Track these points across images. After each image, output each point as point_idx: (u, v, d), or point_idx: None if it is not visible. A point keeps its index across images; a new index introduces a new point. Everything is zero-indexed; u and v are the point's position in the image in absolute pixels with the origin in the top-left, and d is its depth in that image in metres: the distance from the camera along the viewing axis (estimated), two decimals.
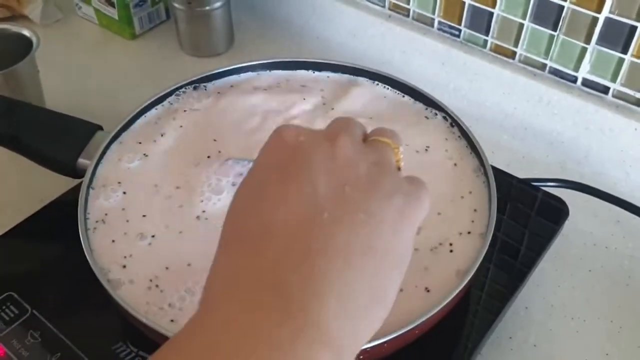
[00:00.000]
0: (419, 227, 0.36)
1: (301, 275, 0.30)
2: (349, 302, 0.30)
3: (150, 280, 0.48)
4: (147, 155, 0.56)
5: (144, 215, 0.52)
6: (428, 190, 0.37)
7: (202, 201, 0.52)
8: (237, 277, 0.31)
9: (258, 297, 0.30)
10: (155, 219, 0.52)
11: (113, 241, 0.50)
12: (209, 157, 0.56)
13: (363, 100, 0.63)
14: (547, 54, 0.71)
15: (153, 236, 0.50)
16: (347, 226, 0.32)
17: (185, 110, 0.60)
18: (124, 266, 0.48)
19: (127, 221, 0.51)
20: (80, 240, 0.49)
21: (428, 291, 0.47)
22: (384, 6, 0.82)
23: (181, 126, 0.59)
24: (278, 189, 0.33)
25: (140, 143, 0.57)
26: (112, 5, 0.87)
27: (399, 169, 0.38)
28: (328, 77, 0.65)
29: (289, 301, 0.29)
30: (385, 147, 0.38)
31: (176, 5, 0.83)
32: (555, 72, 0.72)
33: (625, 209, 0.64)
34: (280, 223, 0.32)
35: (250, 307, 0.29)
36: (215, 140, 0.58)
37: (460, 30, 0.77)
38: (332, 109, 0.61)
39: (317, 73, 0.66)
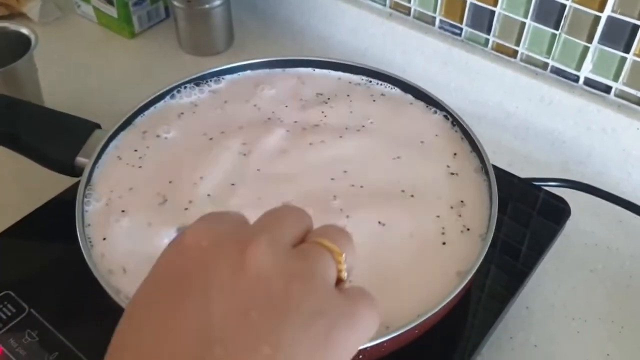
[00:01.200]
0: None
1: None
2: None
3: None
4: (145, 155, 0.56)
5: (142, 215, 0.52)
6: (373, 304, 0.30)
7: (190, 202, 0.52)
8: None
9: None
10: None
11: (111, 240, 0.50)
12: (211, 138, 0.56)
13: (363, 101, 0.62)
14: (549, 53, 0.71)
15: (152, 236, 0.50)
16: None
17: (182, 113, 0.60)
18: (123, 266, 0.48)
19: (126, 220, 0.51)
20: (77, 238, 0.48)
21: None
22: (385, 5, 0.82)
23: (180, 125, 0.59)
24: (165, 314, 0.27)
25: (139, 140, 0.57)
26: (111, 3, 0.86)
27: (339, 280, 0.30)
28: (339, 78, 0.65)
29: None
30: (322, 254, 0.30)
31: (176, 3, 0.82)
32: (557, 71, 0.71)
33: (627, 208, 0.64)
34: (165, 358, 0.26)
35: None
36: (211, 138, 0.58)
37: (461, 29, 0.77)
38: (331, 105, 0.61)
39: (317, 70, 0.65)
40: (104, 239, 0.50)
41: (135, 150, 0.56)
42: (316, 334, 0.27)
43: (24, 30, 0.72)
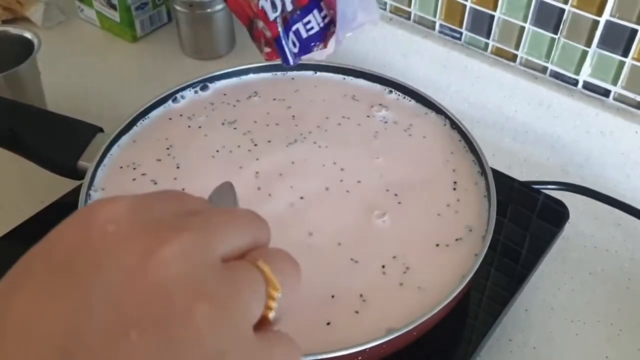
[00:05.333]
0: None
1: None
2: None
3: None
4: (147, 158, 0.56)
5: None
6: (294, 351, 0.25)
7: None
8: None
9: None
10: None
11: None
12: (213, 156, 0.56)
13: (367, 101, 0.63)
14: (548, 57, 0.71)
15: None
16: None
17: (189, 117, 0.61)
18: None
19: None
20: None
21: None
22: (385, 9, 0.82)
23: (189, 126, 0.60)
24: (33, 303, 0.21)
25: (142, 144, 0.58)
26: (113, 8, 0.87)
27: (264, 320, 0.24)
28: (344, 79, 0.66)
29: None
30: (253, 280, 0.24)
31: (178, 7, 0.83)
32: (556, 75, 0.72)
33: (626, 211, 0.64)
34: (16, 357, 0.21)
35: None
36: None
37: (461, 33, 0.77)
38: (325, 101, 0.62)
39: (319, 74, 0.66)
40: None
41: (138, 154, 0.57)
42: None
43: (27, 34, 0.72)
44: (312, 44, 0.55)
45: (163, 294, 0.21)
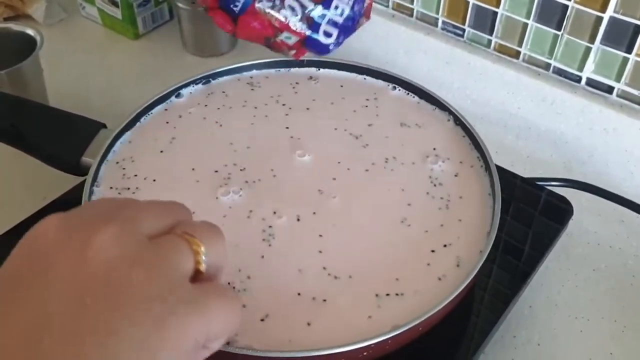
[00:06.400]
0: None
1: None
2: None
3: None
4: (150, 154, 0.56)
5: None
6: (230, 300, 0.31)
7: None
8: None
9: None
10: None
11: None
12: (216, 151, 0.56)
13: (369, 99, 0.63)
14: (551, 53, 0.71)
15: None
16: (72, 352, 0.25)
17: (190, 112, 0.61)
18: None
19: None
20: None
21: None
22: (387, 6, 0.82)
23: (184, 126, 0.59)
24: (3, 306, 0.27)
25: (145, 140, 0.57)
26: (115, 5, 0.87)
27: (199, 273, 0.31)
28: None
29: None
30: (176, 244, 0.30)
31: (180, 5, 0.83)
32: (559, 72, 0.72)
33: (630, 208, 0.64)
34: None
35: None
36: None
37: (464, 30, 0.77)
38: (332, 103, 0.62)
39: (321, 70, 0.66)
40: None
41: (141, 150, 0.57)
42: (153, 320, 0.27)
43: (30, 31, 0.72)
44: (352, 23, 0.56)
45: (104, 270, 0.27)
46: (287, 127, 0.59)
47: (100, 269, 0.27)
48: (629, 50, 0.65)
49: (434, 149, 0.57)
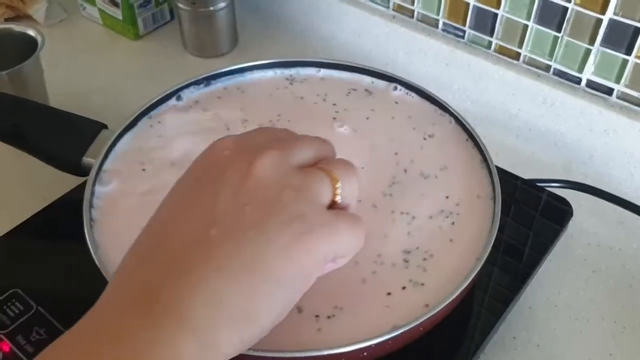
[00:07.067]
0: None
1: (176, 284, 0.32)
2: (215, 310, 0.32)
3: None
4: (153, 155, 0.56)
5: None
6: (358, 226, 0.37)
7: None
8: (123, 282, 0.34)
9: (132, 303, 0.32)
10: None
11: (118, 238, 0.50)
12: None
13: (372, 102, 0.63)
14: (551, 55, 0.71)
15: None
16: (233, 242, 0.33)
17: (191, 112, 0.61)
18: None
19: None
20: (85, 237, 0.49)
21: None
22: (388, 7, 0.82)
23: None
24: (185, 201, 0.36)
25: (147, 140, 0.58)
26: (116, 5, 0.87)
27: (334, 203, 0.37)
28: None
29: (156, 305, 0.31)
30: (320, 176, 0.37)
31: (180, 5, 0.83)
32: (559, 74, 0.72)
33: (629, 209, 0.64)
34: (176, 234, 0.34)
35: (122, 312, 0.32)
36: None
37: (464, 31, 0.77)
38: (334, 104, 0.62)
39: (323, 71, 0.66)
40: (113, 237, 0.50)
41: (143, 151, 0.57)
42: (293, 232, 0.34)
43: (31, 32, 0.72)
44: None
45: (262, 187, 0.35)
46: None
47: (259, 185, 0.35)
48: (628, 52, 0.65)
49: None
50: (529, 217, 0.61)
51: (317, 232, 0.35)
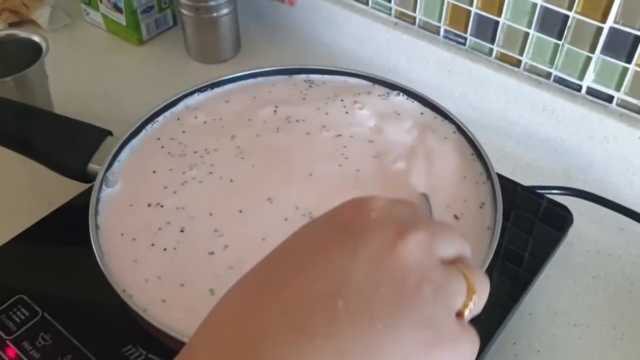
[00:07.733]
0: None
1: (283, 342, 0.28)
2: None
3: (159, 278, 0.48)
4: (158, 161, 0.57)
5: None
6: (476, 344, 0.33)
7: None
8: (222, 332, 0.29)
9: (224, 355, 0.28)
10: None
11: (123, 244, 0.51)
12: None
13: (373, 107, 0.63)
14: (552, 62, 0.72)
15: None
16: (358, 327, 0.28)
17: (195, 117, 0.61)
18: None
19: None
20: (90, 243, 0.49)
21: None
22: (390, 14, 0.83)
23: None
24: (315, 251, 0.31)
25: (152, 147, 0.58)
26: (119, 11, 0.87)
27: (459, 314, 0.32)
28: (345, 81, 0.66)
29: None
30: (460, 281, 0.32)
31: (183, 11, 0.83)
32: (560, 81, 0.72)
33: (629, 216, 0.65)
34: (300, 285, 0.29)
35: None
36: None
37: (465, 39, 0.78)
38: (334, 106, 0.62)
39: (326, 76, 0.66)
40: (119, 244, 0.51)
41: (148, 158, 0.57)
42: (424, 340, 0.29)
43: (35, 38, 0.73)
44: None
45: (403, 268, 0.30)
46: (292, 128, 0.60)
47: (400, 265, 0.30)
48: (628, 60, 0.66)
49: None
50: (529, 223, 0.62)
51: (445, 346, 0.30)
